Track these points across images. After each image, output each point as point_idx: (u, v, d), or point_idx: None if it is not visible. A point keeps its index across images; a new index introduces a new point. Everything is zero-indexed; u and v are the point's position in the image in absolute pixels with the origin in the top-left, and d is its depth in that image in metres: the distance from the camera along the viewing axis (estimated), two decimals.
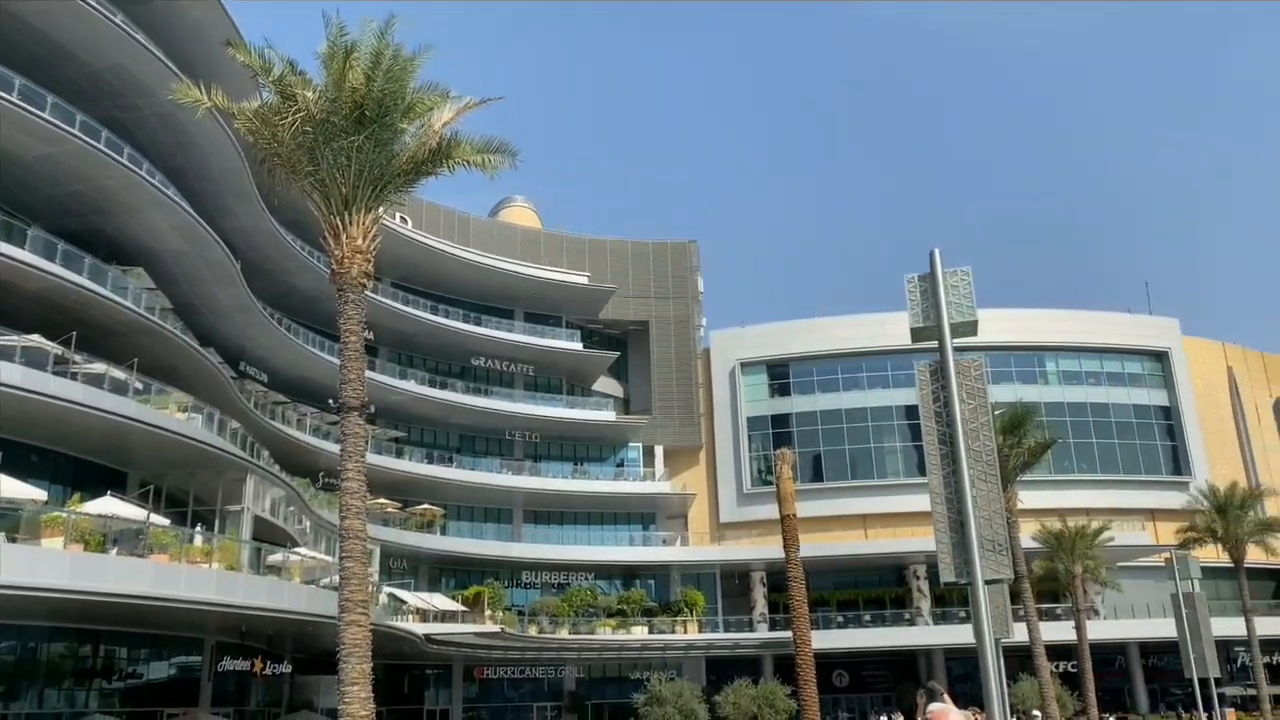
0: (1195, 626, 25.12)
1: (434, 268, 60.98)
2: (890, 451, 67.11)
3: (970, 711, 15.90)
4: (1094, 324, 71.06)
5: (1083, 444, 67.75)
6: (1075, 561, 46.33)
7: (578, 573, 62.80)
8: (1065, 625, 48.06)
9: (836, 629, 58.77)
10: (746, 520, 65.56)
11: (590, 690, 61.46)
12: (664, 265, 71.27)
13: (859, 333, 67.67)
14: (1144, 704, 59.42)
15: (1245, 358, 78.53)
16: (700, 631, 60.09)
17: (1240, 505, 52.39)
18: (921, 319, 10.03)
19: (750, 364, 70.61)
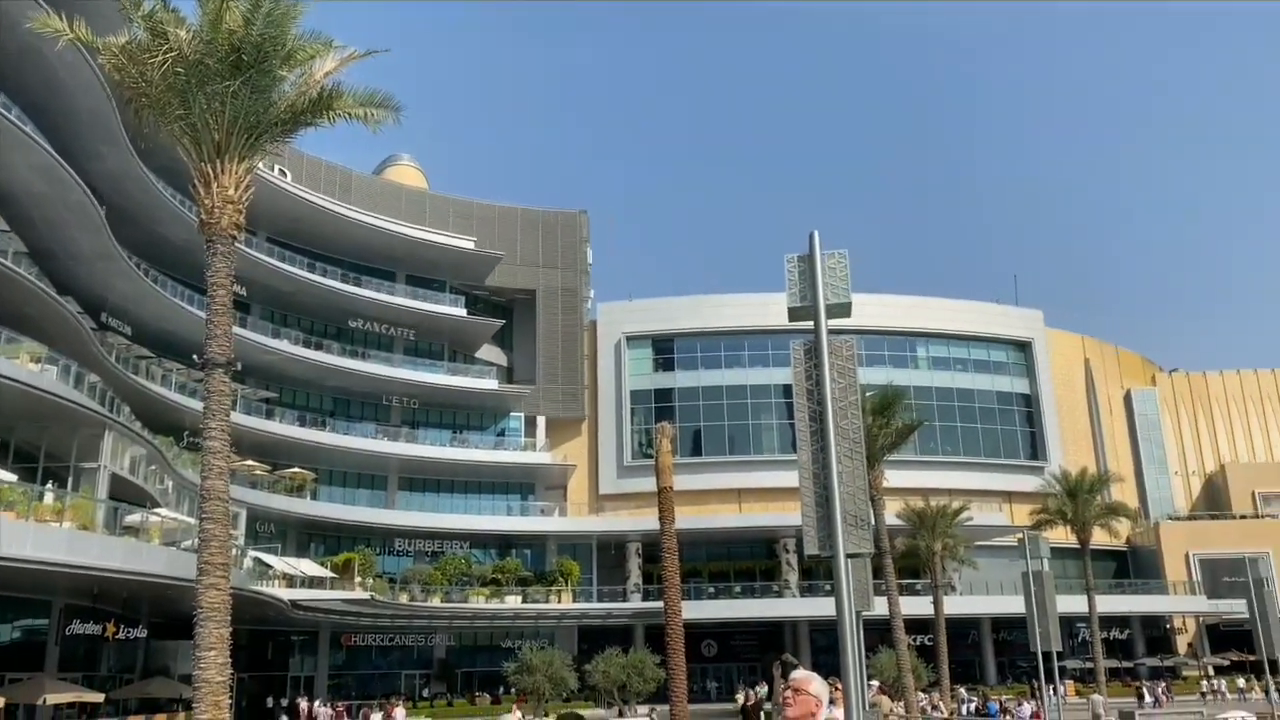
0: (1042, 604, 26.53)
1: (313, 224, 59.09)
2: (767, 428, 68.54)
3: (830, 682, 16.39)
4: (964, 313, 73.93)
5: (948, 427, 70.58)
6: (936, 539, 48.27)
7: (453, 541, 62.28)
8: (924, 600, 50.11)
9: (708, 600, 59.99)
10: (626, 492, 66.08)
11: (461, 658, 61.21)
12: (553, 235, 70.80)
13: (743, 311, 68.70)
14: (993, 676, 62.65)
15: (1101, 351, 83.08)
16: (574, 601, 60.42)
17: (1089, 490, 55.54)
18: (799, 299, 10.17)
19: (636, 338, 70.96)
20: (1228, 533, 71.83)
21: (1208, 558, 69.14)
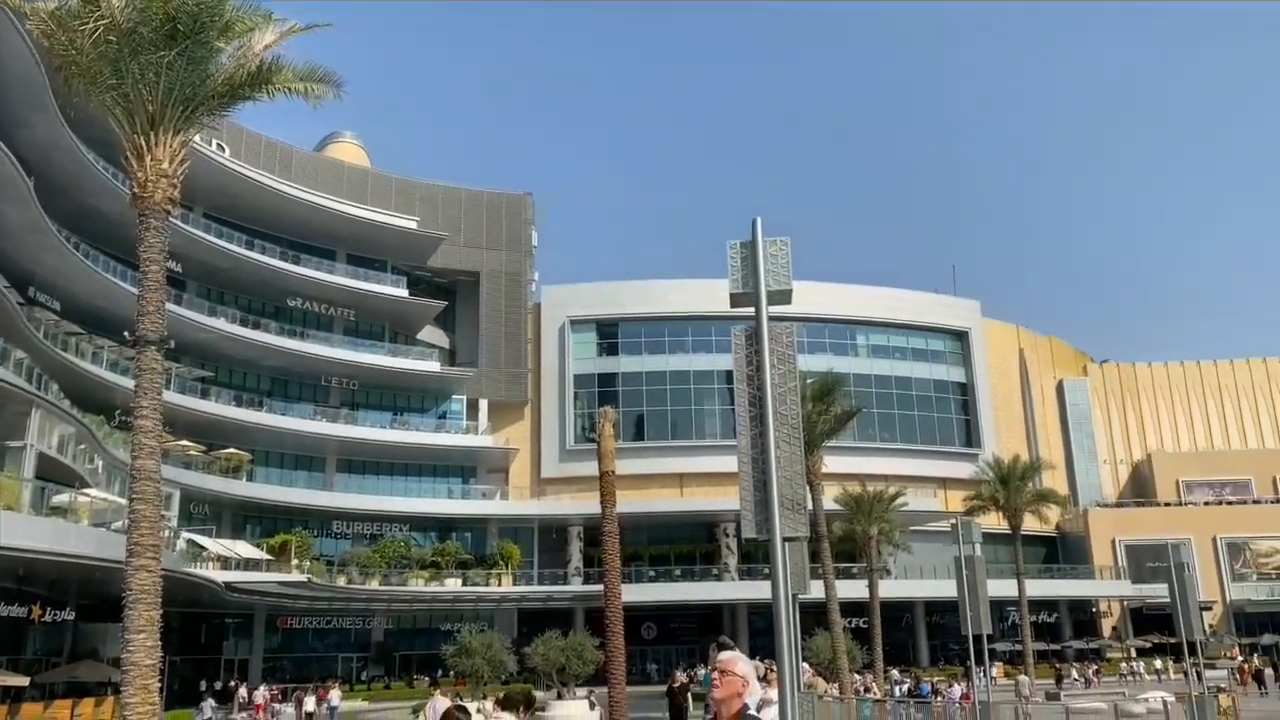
0: (973, 587, 27.11)
1: (252, 200, 57.94)
2: (710, 414, 68.94)
3: (768, 663, 16.63)
4: (903, 302, 75.02)
5: (886, 414, 71.67)
6: (872, 524, 49.00)
7: (392, 524, 61.80)
8: (860, 584, 50.88)
9: (648, 583, 60.32)
10: (568, 476, 66.04)
11: (399, 641, 60.85)
12: (498, 216, 70.25)
13: (688, 297, 68.86)
14: (925, 658, 63.96)
15: (1035, 341, 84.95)
16: (514, 585, 60.37)
17: (1021, 477, 56.85)
18: (741, 285, 10.23)
19: (580, 322, 70.81)
20: (1152, 519, 74.09)
21: (1133, 544, 71.28)
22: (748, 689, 4.95)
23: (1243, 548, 74.26)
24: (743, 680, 4.89)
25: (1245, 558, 74.18)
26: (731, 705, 4.83)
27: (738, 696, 4.87)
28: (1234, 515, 75.75)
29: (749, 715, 4.82)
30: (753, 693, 10.45)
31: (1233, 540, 74.16)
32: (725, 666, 4.90)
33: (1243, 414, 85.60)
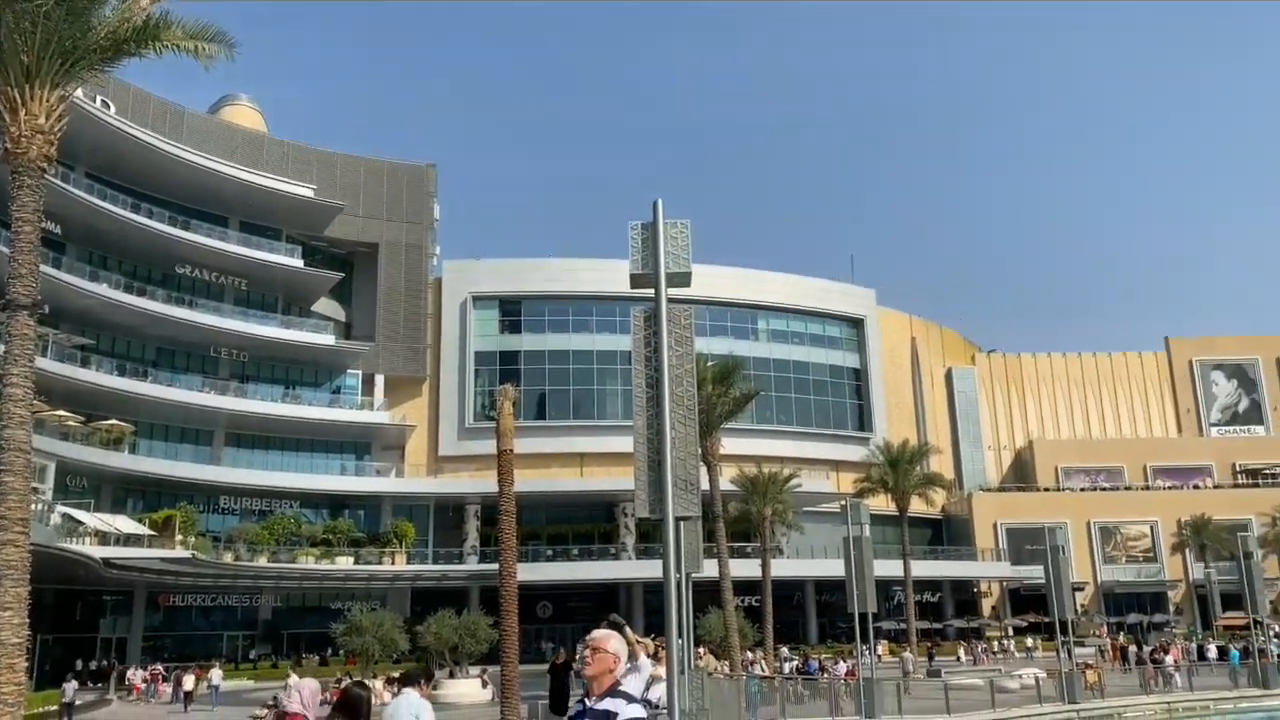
0: (861, 567, 27.94)
1: (138, 161, 55.49)
2: (612, 394, 69.06)
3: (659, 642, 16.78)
4: (803, 288, 76.40)
5: (783, 398, 72.99)
6: (767, 505, 49.98)
7: (283, 500, 60.31)
8: (753, 563, 51.91)
9: (546, 562, 60.27)
10: (466, 454, 65.40)
11: (287, 620, 59.56)
12: (399, 187, 68.84)
13: (593, 276, 68.66)
14: (814, 636, 65.59)
15: (927, 330, 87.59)
16: (409, 563, 59.63)
17: (909, 461, 58.72)
18: (641, 266, 10.26)
19: (482, 298, 70.01)
20: (1032, 504, 77.38)
21: (1013, 527, 74.29)
22: (619, 665, 4.99)
23: (1114, 532, 78.17)
24: (614, 657, 4.94)
25: (1116, 541, 78.12)
26: (603, 681, 4.88)
27: (609, 673, 4.91)
28: (1107, 501, 79.68)
29: (619, 690, 4.86)
30: (643, 669, 10.58)
31: (1105, 524, 78.01)
32: (597, 644, 4.95)
33: (1118, 404, 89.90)
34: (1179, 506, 76.14)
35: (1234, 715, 35.76)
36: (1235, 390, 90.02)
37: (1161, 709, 34.96)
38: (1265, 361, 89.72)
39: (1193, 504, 75.61)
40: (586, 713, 4.90)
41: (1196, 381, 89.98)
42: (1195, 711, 35.43)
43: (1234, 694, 36.88)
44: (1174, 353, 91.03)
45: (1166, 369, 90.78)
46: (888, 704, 28.10)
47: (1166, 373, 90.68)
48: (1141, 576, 76.85)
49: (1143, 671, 38.50)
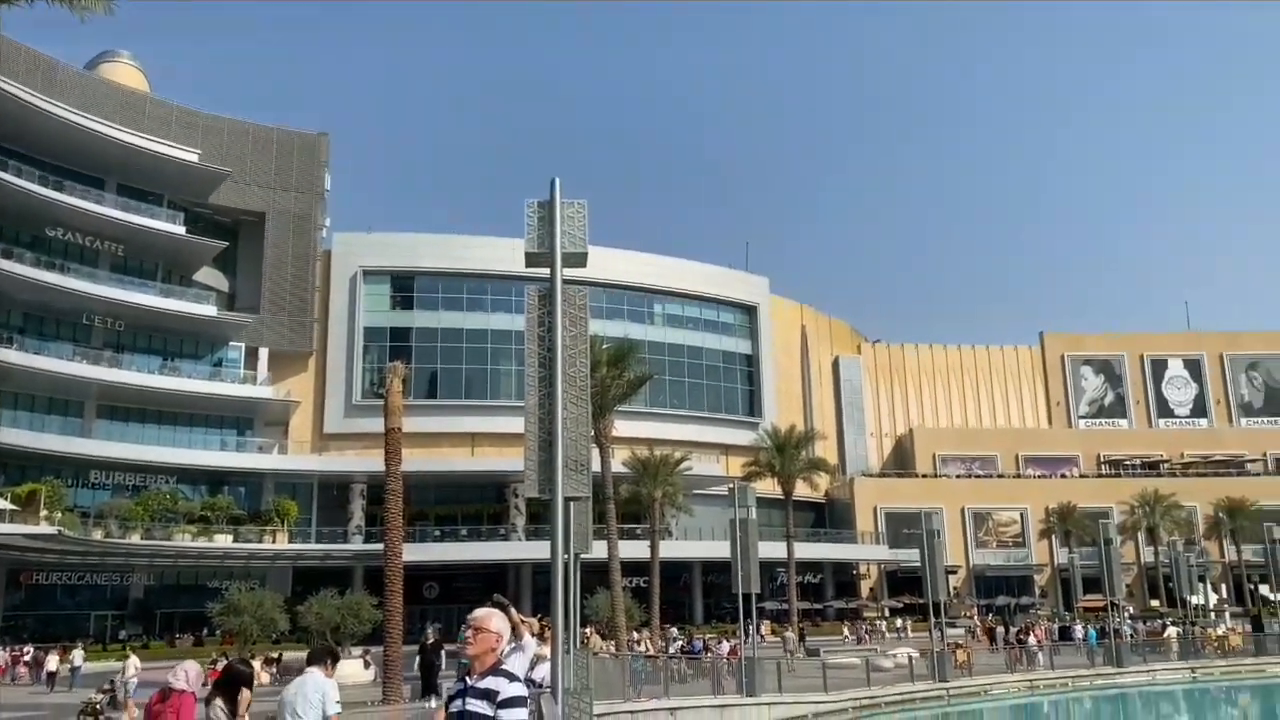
0: (746, 549, 28.50)
1: (7, 117, 52.32)
2: (506, 374, 68.49)
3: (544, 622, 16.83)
4: (699, 274, 77.17)
5: (676, 382, 73.69)
6: (657, 487, 50.46)
7: (158, 476, 58.07)
8: (642, 544, 52.34)
9: (433, 542, 59.59)
10: (353, 432, 64.01)
11: (161, 599, 57.51)
12: (289, 156, 66.67)
13: (490, 254, 67.84)
14: (700, 616, 66.62)
15: (816, 319, 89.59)
16: (291, 542, 58.19)
17: (796, 446, 60.06)
18: (537, 244, 10.23)
19: (374, 272, 68.46)
20: (910, 489, 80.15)
21: (892, 511, 76.79)
22: (501, 643, 5.01)
23: (986, 517, 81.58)
24: (496, 635, 4.97)
25: (988, 526, 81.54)
26: (485, 660, 4.90)
27: (491, 652, 4.93)
28: (981, 487, 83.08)
29: (502, 669, 4.89)
30: (527, 649, 10.61)
31: (978, 510, 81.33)
32: (479, 624, 4.97)
33: (994, 396, 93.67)
34: (1047, 494, 79.96)
35: (1091, 692, 37.86)
36: (1102, 385, 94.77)
37: (1025, 686, 36.76)
38: (1130, 359, 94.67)
39: (1060, 492, 79.49)
40: (468, 691, 4.90)
41: (1067, 376, 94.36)
42: (1056, 688, 37.38)
43: (1090, 672, 39.05)
44: (1047, 348, 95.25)
45: (1040, 363, 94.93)
46: (768, 682, 28.77)
47: (1040, 367, 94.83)
48: (1011, 561, 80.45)
49: (1009, 651, 40.40)
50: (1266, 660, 44.07)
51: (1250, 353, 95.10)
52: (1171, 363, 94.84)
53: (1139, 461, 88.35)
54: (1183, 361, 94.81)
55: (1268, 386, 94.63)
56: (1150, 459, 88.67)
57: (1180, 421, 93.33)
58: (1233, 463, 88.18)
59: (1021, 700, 35.81)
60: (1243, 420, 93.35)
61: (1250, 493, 78.14)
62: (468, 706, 4.84)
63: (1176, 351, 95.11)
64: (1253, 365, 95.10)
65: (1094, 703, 36.99)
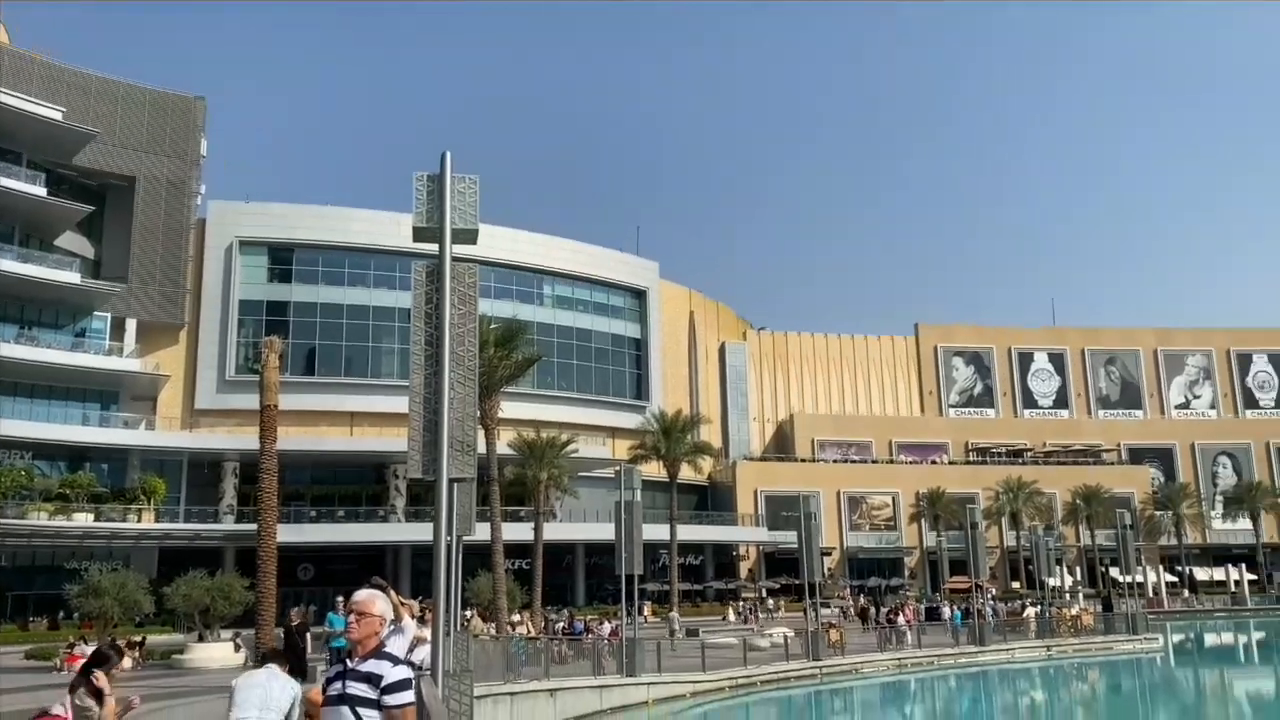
0: (630, 531, 28.72)
1: None
2: (388, 352, 67.12)
3: (425, 604, 16.63)
4: (590, 256, 77.03)
5: (565, 364, 73.54)
6: (543, 469, 50.33)
7: (13, 450, 54.78)
8: (526, 526, 52.19)
9: (309, 523, 58.08)
10: (226, 408, 61.71)
11: (13, 580, 54.49)
12: (163, 118, 63.58)
13: (374, 228, 66.22)
14: (582, 598, 66.85)
15: (704, 305, 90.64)
16: (157, 521, 55.84)
17: (681, 430, 60.71)
18: (425, 219, 9.99)
19: (251, 243, 65.96)
20: (790, 473, 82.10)
21: (772, 494, 78.51)
22: (384, 626, 4.96)
23: (860, 501, 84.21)
24: (380, 619, 4.94)
25: (862, 510, 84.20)
26: (368, 644, 4.87)
27: (374, 635, 4.90)
28: (856, 472, 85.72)
29: (384, 652, 4.85)
30: (407, 631, 10.42)
31: (853, 494, 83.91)
32: (363, 608, 4.92)
33: (871, 383, 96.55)
34: (918, 479, 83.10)
35: (955, 670, 39.56)
36: (972, 376, 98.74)
37: (894, 665, 38.17)
38: (999, 351, 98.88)
39: (930, 478, 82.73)
40: (348, 674, 4.83)
41: (940, 366, 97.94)
42: (923, 666, 38.93)
43: (955, 651, 40.78)
44: (922, 339, 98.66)
45: (914, 353, 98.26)
46: (649, 663, 29.11)
47: (914, 357, 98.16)
48: (883, 543, 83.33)
49: (879, 631, 41.83)
50: (1114, 638, 46.92)
51: (1109, 348, 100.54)
52: (1037, 356, 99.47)
53: (1004, 449, 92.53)
54: (1047, 355, 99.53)
55: (1124, 380, 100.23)
56: (1015, 447, 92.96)
57: (1043, 412, 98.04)
58: (1090, 452, 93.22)
59: (890, 678, 37.17)
60: (1100, 412, 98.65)
61: (1105, 481, 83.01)
62: (348, 689, 4.77)
63: (1042, 345, 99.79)
64: (1110, 360, 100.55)
65: (957, 680, 38.64)
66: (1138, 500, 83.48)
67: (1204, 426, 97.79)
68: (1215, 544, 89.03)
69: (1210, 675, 45.53)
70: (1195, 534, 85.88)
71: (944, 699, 36.59)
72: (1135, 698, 38.14)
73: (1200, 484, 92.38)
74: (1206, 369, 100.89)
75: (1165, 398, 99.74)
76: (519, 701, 24.35)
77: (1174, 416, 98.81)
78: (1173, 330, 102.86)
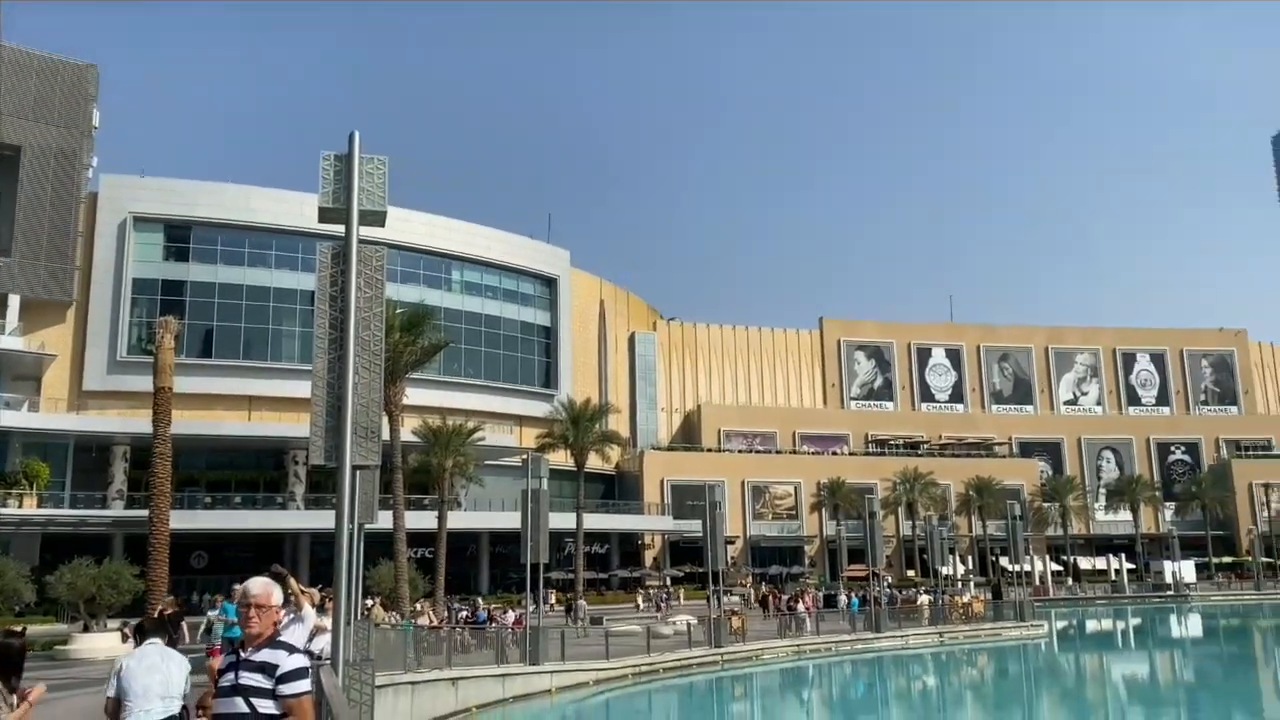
0: (537, 519, 28.64)
1: None
2: (289, 335, 65.42)
3: (325, 593, 16.34)
4: (501, 243, 76.29)
5: (473, 351, 72.74)
6: (448, 457, 49.77)
7: None
8: (430, 515, 51.56)
9: (203, 510, 56.36)
10: (117, 390, 59.32)
11: None
12: (51, 85, 60.62)
13: (277, 208, 64.33)
14: (485, 586, 66.41)
15: (615, 294, 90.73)
16: (40, 507, 53.44)
17: (590, 419, 60.76)
18: (332, 200, 9.78)
19: (146, 220, 63.41)
20: (696, 463, 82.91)
21: (678, 483, 79.21)
22: (281, 617, 4.91)
23: (764, 490, 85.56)
24: (276, 609, 4.94)
25: (765, 499, 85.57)
26: (263, 634, 4.86)
27: (274, 625, 4.92)
28: (760, 462, 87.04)
29: (280, 641, 4.84)
30: (307, 620, 10.24)
31: (757, 484, 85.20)
32: (262, 601, 4.87)
33: (777, 375, 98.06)
34: (820, 470, 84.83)
35: (851, 656, 40.59)
36: (873, 370, 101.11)
37: (793, 651, 38.98)
38: (899, 346, 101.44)
39: (831, 468, 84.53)
40: (241, 664, 4.76)
41: (842, 360, 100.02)
42: (821, 652, 39.85)
43: (852, 637, 41.87)
44: (826, 333, 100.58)
45: (819, 346, 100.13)
46: (552, 651, 29.12)
47: (819, 350, 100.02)
48: (784, 532, 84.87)
49: (780, 618, 42.65)
50: (1003, 625, 48.77)
51: (1003, 345, 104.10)
52: (935, 351, 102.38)
53: (902, 441, 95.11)
54: (945, 351, 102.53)
55: (1016, 377, 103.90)
56: (912, 440, 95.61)
57: (940, 406, 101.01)
58: (983, 445, 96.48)
59: (790, 664, 37.96)
60: (994, 407, 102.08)
61: (996, 473, 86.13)
62: (241, 680, 4.70)
63: (940, 341, 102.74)
64: (1004, 357, 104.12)
65: (854, 666, 39.68)
66: (1027, 492, 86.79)
67: (1090, 422, 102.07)
68: (1098, 534, 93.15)
69: (1090, 660, 47.74)
70: (1080, 525, 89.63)
71: (840, 684, 37.54)
72: (1020, 681, 39.72)
73: (1085, 477, 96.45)
74: (1094, 367, 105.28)
75: (1055, 394, 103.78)
76: (420, 691, 24.12)
77: (1062, 412, 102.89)
78: (1063, 329, 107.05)
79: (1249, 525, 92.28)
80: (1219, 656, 49.42)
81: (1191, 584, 79.33)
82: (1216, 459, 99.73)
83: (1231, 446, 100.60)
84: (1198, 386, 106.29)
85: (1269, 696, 35.96)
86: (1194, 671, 42.69)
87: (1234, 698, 34.42)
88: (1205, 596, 76.88)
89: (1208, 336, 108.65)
